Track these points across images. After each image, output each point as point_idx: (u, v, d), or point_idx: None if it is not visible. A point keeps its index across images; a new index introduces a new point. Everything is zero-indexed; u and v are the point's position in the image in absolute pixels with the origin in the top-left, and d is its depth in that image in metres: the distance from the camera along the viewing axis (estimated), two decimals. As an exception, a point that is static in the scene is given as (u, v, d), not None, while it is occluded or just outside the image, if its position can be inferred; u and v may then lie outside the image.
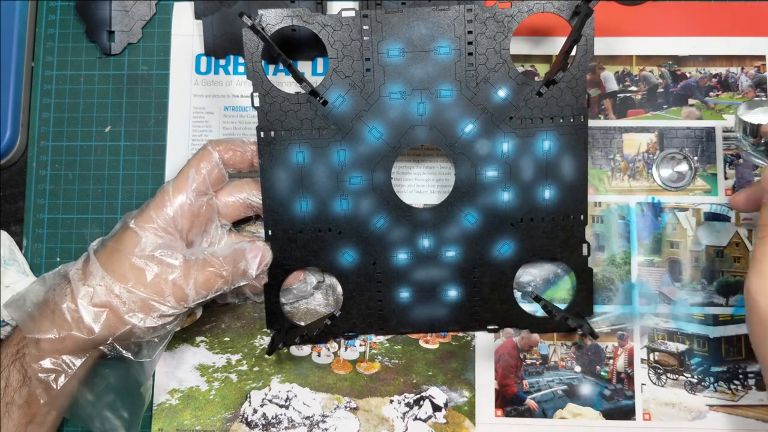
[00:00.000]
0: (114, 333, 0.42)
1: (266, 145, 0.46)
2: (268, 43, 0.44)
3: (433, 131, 0.46)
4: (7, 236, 0.50)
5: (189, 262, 0.42)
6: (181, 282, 0.42)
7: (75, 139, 0.51)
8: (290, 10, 0.45)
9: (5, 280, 0.48)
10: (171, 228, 0.43)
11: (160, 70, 0.51)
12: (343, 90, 0.46)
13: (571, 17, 0.45)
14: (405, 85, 0.46)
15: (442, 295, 0.48)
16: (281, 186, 0.47)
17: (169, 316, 0.42)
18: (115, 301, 0.41)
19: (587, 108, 0.46)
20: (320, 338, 0.49)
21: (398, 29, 0.46)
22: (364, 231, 0.47)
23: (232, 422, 0.49)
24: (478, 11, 0.45)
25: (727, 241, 0.49)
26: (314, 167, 0.47)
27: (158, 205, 0.43)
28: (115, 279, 0.41)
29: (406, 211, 0.47)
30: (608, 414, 0.48)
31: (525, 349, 0.49)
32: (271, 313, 0.48)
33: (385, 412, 0.49)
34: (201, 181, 0.44)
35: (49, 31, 0.52)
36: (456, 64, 0.46)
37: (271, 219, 0.47)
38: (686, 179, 0.50)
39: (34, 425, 0.43)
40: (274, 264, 0.47)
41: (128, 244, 0.42)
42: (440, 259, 0.48)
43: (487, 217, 0.47)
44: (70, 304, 0.41)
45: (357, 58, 0.46)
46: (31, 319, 0.42)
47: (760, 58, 0.50)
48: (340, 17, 0.45)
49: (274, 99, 0.46)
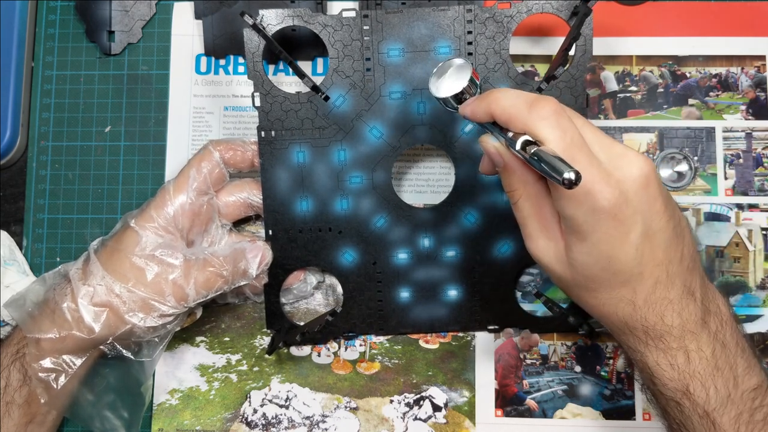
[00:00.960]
0: (114, 332, 0.42)
1: (267, 145, 0.46)
2: (269, 41, 0.44)
3: (433, 131, 0.46)
4: (7, 236, 0.50)
5: (189, 261, 0.42)
6: (181, 281, 0.42)
7: (75, 139, 0.51)
8: (291, 10, 0.45)
9: (5, 280, 0.48)
10: (171, 227, 0.43)
11: (160, 70, 0.51)
12: (343, 90, 0.46)
13: (570, 17, 0.45)
14: (405, 85, 0.46)
15: (442, 295, 0.48)
16: (282, 186, 0.47)
17: (169, 316, 0.42)
18: (116, 301, 0.41)
19: (586, 108, 0.46)
20: (320, 338, 0.49)
21: (398, 29, 0.46)
22: (364, 231, 0.47)
23: (232, 422, 0.49)
24: (477, 12, 0.45)
25: (727, 241, 0.49)
26: (315, 167, 0.47)
27: (159, 205, 0.43)
28: (115, 278, 0.41)
29: (406, 210, 0.47)
30: (608, 414, 0.48)
31: (525, 349, 0.49)
32: (271, 313, 0.48)
33: (385, 412, 0.49)
34: (202, 181, 0.44)
35: (49, 31, 0.52)
36: None
37: (272, 219, 0.47)
38: (686, 179, 0.50)
39: (35, 425, 0.43)
40: (275, 264, 0.47)
41: (129, 243, 0.42)
42: (440, 259, 0.48)
43: (487, 216, 0.47)
44: (70, 303, 0.41)
45: (357, 58, 0.46)
46: (32, 318, 0.42)
47: (760, 58, 0.50)
48: (340, 17, 0.45)
49: (274, 99, 0.46)
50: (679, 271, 0.37)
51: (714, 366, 0.37)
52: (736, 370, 0.37)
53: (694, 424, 0.37)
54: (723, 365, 0.37)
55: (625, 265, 0.35)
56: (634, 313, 0.36)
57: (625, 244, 0.35)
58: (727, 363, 0.37)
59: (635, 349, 0.38)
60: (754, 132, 0.50)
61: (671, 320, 0.36)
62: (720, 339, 0.37)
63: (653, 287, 0.36)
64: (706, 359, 0.36)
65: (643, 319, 0.36)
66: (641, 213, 0.35)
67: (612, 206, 0.33)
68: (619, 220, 0.34)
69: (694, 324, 0.37)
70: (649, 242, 0.35)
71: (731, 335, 0.38)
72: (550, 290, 0.49)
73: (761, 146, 0.50)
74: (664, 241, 0.36)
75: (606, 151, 0.35)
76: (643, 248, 0.35)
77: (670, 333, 0.36)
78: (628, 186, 0.34)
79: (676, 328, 0.36)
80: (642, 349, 0.37)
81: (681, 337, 0.36)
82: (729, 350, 0.37)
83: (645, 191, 0.35)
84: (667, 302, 0.36)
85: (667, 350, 0.37)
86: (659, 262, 0.36)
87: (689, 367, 0.37)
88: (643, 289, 0.36)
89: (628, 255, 0.35)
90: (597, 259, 0.35)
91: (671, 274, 0.36)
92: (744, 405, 0.37)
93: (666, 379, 0.37)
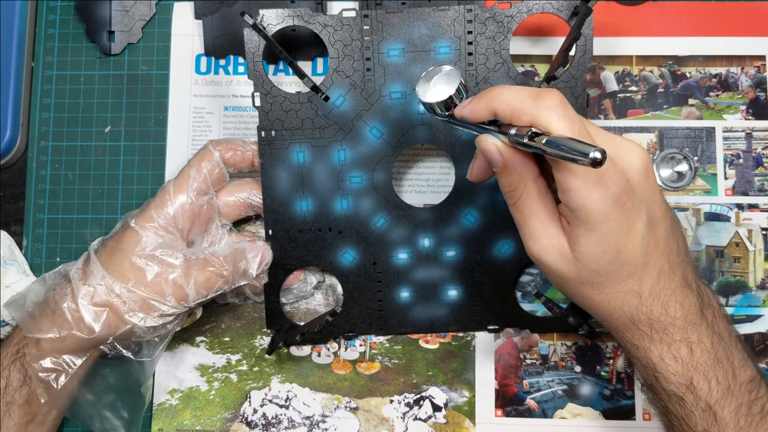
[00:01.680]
0: (114, 332, 0.42)
1: (267, 145, 0.46)
2: (269, 41, 0.44)
3: (433, 131, 0.46)
4: (7, 236, 0.50)
5: (189, 261, 0.42)
6: (181, 281, 0.42)
7: (75, 139, 0.51)
8: (291, 10, 0.45)
9: (5, 280, 0.48)
10: (172, 227, 0.43)
11: (160, 70, 0.51)
12: (343, 90, 0.46)
13: (570, 17, 0.45)
14: (405, 85, 0.46)
15: (442, 294, 0.48)
16: (282, 186, 0.47)
17: (169, 316, 0.42)
18: (116, 301, 0.41)
19: (587, 108, 0.46)
20: (320, 338, 0.49)
21: (398, 29, 0.46)
22: (364, 231, 0.47)
23: (232, 422, 0.49)
24: (478, 12, 0.45)
25: (727, 241, 0.49)
26: (315, 167, 0.47)
27: (159, 205, 0.43)
28: (115, 278, 0.41)
29: (406, 210, 0.47)
30: (608, 414, 0.48)
31: (525, 349, 0.49)
32: (271, 313, 0.48)
33: (385, 412, 0.49)
34: (202, 181, 0.44)
35: (49, 31, 0.52)
36: (456, 64, 0.46)
37: (272, 219, 0.47)
38: (686, 179, 0.50)
39: (35, 425, 0.43)
40: (275, 264, 0.47)
41: (129, 243, 0.42)
42: (440, 259, 0.48)
43: (487, 216, 0.47)
44: (70, 303, 0.41)
45: (357, 58, 0.46)
46: (32, 318, 0.42)
47: (760, 58, 0.50)
48: (341, 17, 0.45)
49: (275, 99, 0.46)
50: (678, 261, 0.37)
51: (714, 357, 0.37)
52: (733, 362, 0.37)
53: (696, 418, 0.37)
54: (722, 356, 0.37)
55: (632, 255, 0.35)
56: (640, 306, 0.37)
57: (632, 233, 0.35)
58: (725, 354, 0.37)
59: (639, 345, 0.38)
60: (754, 132, 0.50)
61: (674, 311, 0.37)
62: (717, 330, 0.38)
63: (657, 277, 0.36)
64: (707, 351, 0.37)
65: (648, 311, 0.37)
66: (645, 202, 0.35)
67: (622, 193, 0.33)
68: (627, 209, 0.34)
69: (695, 314, 0.37)
70: (653, 232, 0.36)
71: (725, 326, 0.38)
72: (550, 290, 0.49)
73: (761, 146, 0.50)
74: (665, 231, 0.36)
75: (607, 142, 0.35)
76: (648, 238, 0.35)
77: (674, 324, 0.37)
78: (631, 175, 0.35)
79: (679, 319, 0.37)
80: (646, 344, 0.37)
81: (684, 328, 0.37)
82: (725, 341, 0.38)
83: (646, 181, 0.35)
84: (670, 292, 0.36)
85: (671, 343, 0.37)
86: (662, 251, 0.36)
87: (692, 359, 0.37)
88: (648, 279, 0.36)
89: (635, 244, 0.35)
90: (605, 250, 0.35)
91: (672, 263, 0.37)
92: (742, 397, 0.37)
93: (670, 373, 0.37)
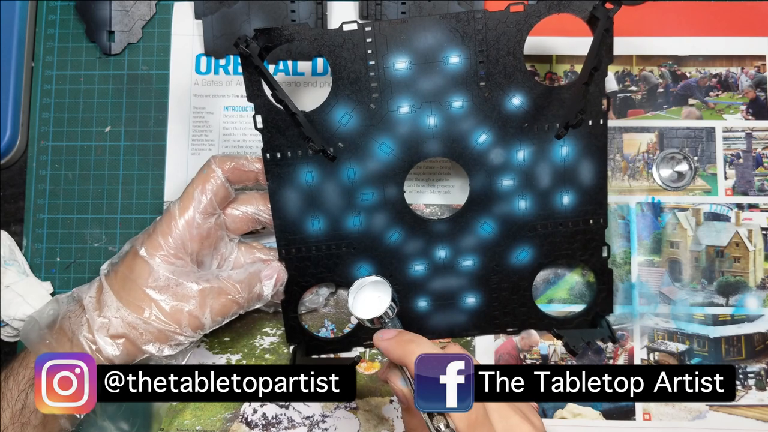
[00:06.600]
0: (132, 360, 0.42)
1: (273, 167, 0.45)
2: (266, 79, 0.41)
3: (445, 144, 0.45)
4: (7, 236, 0.50)
5: (204, 290, 0.42)
6: (197, 312, 0.42)
7: (75, 139, 0.51)
8: (290, 27, 0.42)
9: (5, 280, 0.48)
10: (181, 253, 0.42)
11: (160, 70, 0.51)
12: (349, 107, 0.44)
13: (589, 20, 0.43)
14: (414, 99, 0.44)
15: (460, 302, 0.47)
16: (291, 206, 0.45)
17: (185, 344, 0.43)
18: (132, 333, 0.41)
19: (607, 111, 0.44)
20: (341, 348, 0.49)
21: (403, 41, 0.43)
22: (378, 246, 0.46)
23: (232, 422, 0.49)
24: (488, 17, 0.43)
25: (727, 241, 0.49)
26: (324, 186, 0.45)
27: (166, 231, 0.43)
28: (130, 310, 0.41)
29: (420, 223, 0.46)
30: (608, 414, 0.48)
31: (525, 349, 0.49)
32: (291, 328, 0.48)
33: (385, 412, 0.49)
34: (208, 203, 0.43)
35: (49, 31, 0.52)
36: (466, 74, 0.44)
37: (284, 239, 0.46)
38: (686, 179, 0.50)
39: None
40: (290, 281, 0.46)
41: (141, 273, 0.42)
42: (457, 268, 0.47)
43: (504, 225, 0.46)
44: (87, 334, 0.41)
45: (362, 73, 0.44)
46: (47, 346, 0.42)
47: (760, 58, 0.50)
48: (341, 31, 0.43)
49: (277, 119, 0.44)
50: None
51: None
52: None
53: None
54: None
55: None
56: None
57: None
58: None
59: None
60: (754, 132, 0.50)
61: None
62: None
63: None
64: None
65: None
66: None
67: None
68: None
69: None
70: None
71: None
72: (550, 290, 0.49)
73: (761, 146, 0.50)
74: None
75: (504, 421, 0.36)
76: None
77: None
78: None
79: None
80: None
81: None
82: None
83: None
84: None
85: None
86: None
87: None
88: None
89: None
90: None
91: None
92: None
93: None
